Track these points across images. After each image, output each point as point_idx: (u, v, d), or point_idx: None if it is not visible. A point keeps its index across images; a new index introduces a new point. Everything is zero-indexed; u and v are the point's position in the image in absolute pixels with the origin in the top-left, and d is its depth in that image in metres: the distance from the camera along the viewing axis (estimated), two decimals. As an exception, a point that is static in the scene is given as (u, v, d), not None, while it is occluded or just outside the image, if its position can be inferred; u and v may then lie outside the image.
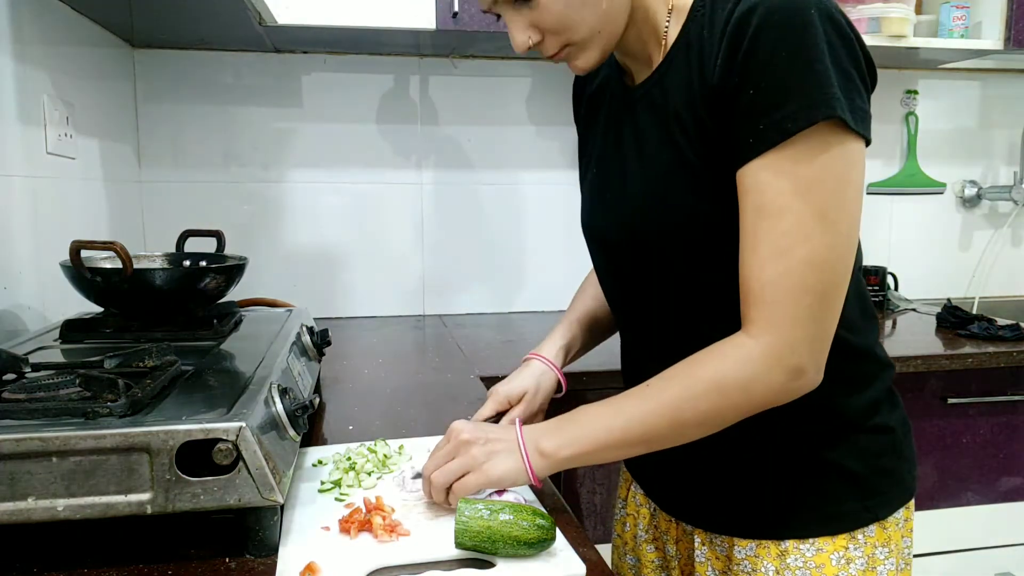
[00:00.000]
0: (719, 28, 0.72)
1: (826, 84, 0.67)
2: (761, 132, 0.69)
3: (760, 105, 0.69)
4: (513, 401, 0.95)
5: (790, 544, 0.82)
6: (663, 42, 0.80)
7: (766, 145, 0.69)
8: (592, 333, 1.07)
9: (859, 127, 0.69)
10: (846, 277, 0.73)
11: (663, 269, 0.83)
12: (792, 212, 0.69)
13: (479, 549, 0.70)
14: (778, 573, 0.82)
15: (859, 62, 0.71)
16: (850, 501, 0.82)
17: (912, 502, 0.87)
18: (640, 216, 0.83)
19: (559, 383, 1.00)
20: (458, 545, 0.70)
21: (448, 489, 0.78)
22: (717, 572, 0.89)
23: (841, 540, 0.81)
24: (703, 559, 0.90)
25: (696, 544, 0.91)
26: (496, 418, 0.94)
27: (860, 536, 0.82)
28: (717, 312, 0.81)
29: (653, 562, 1.01)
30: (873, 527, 0.82)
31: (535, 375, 0.98)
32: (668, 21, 0.80)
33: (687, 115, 0.76)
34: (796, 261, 0.70)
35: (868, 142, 0.71)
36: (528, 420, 0.95)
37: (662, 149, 0.79)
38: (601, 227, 0.92)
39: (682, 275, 0.82)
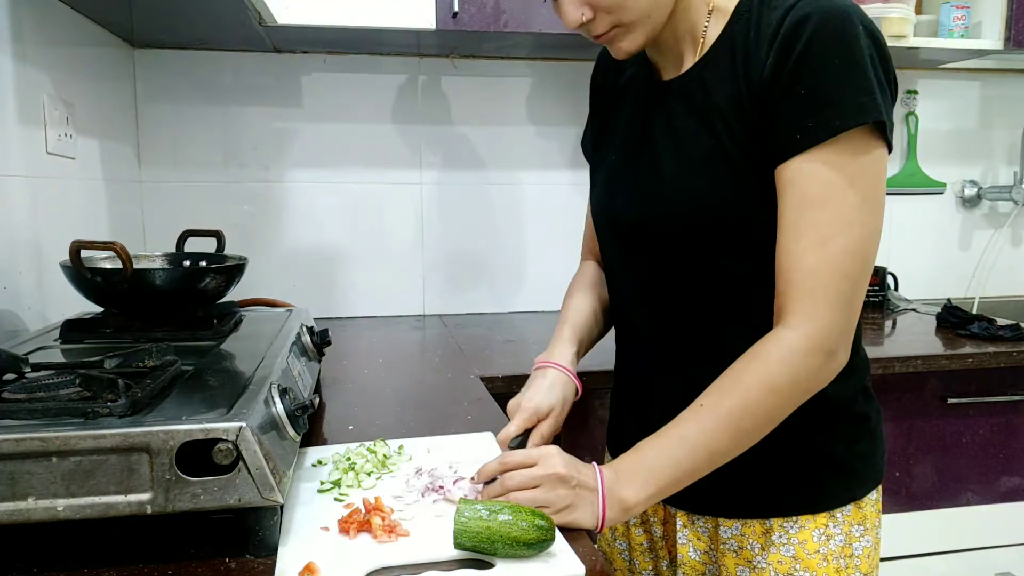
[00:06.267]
0: (768, 31, 0.77)
1: (872, 92, 0.74)
2: (809, 129, 0.75)
3: (811, 104, 0.74)
4: (542, 416, 0.93)
5: (775, 523, 0.88)
6: (700, 40, 0.85)
7: (813, 141, 0.75)
8: (591, 334, 1.07)
9: (889, 135, 0.77)
10: (873, 264, 0.79)
11: (683, 256, 0.86)
12: (835, 203, 0.75)
13: (478, 550, 0.70)
14: (764, 549, 0.88)
15: (891, 78, 0.77)
16: (832, 483, 0.88)
17: (880, 484, 0.93)
18: (672, 203, 0.86)
19: (577, 390, 0.99)
20: (457, 546, 0.70)
21: None
22: (699, 552, 0.94)
23: (822, 518, 0.87)
24: (684, 540, 0.95)
25: (678, 526, 0.95)
26: (525, 435, 0.92)
27: (839, 515, 0.88)
28: (731, 301, 0.85)
29: (642, 545, 1.04)
30: (850, 507, 0.88)
31: (559, 388, 0.95)
32: (708, 21, 0.84)
33: (731, 110, 0.80)
34: (837, 249, 0.75)
35: (891, 150, 0.78)
36: (552, 433, 0.94)
37: (701, 139, 0.83)
38: (621, 211, 0.93)
39: (702, 264, 0.85)
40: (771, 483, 0.88)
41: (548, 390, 0.94)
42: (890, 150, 0.78)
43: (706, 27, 0.84)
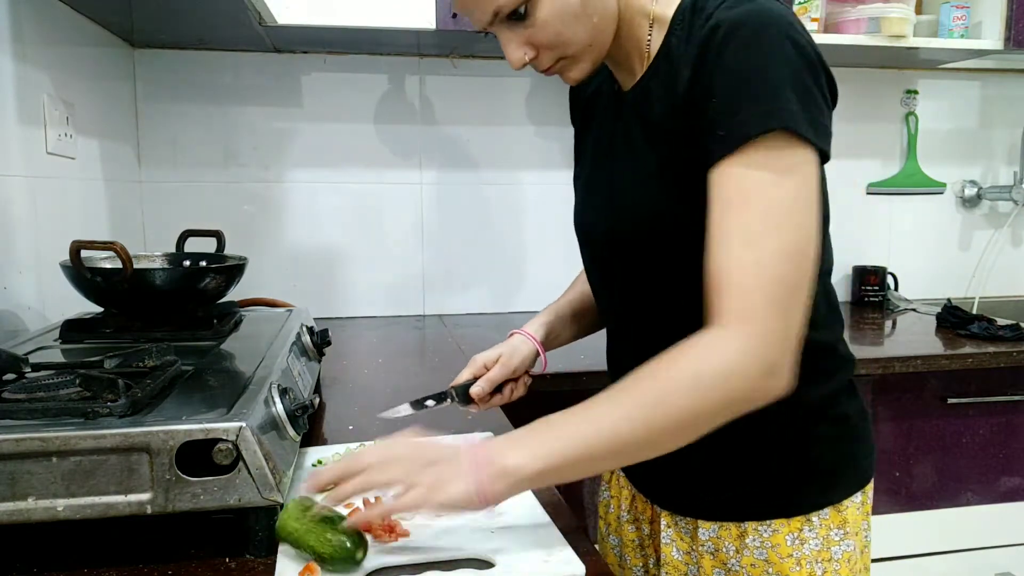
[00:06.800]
0: (696, 42, 0.77)
1: (780, 97, 0.71)
2: (722, 137, 0.73)
3: (722, 113, 0.73)
4: (489, 365, 0.97)
5: (749, 526, 0.87)
6: (646, 53, 0.85)
7: (728, 148, 0.73)
8: (580, 320, 1.09)
9: (818, 140, 0.73)
10: (811, 275, 0.73)
11: (644, 267, 0.87)
12: (758, 206, 0.72)
13: (294, 547, 0.69)
14: (738, 552, 0.88)
15: (820, 80, 0.75)
16: (806, 487, 0.87)
17: (870, 486, 0.91)
18: (625, 215, 0.87)
19: (538, 355, 1.02)
20: (276, 534, 0.69)
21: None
22: (681, 552, 0.94)
23: (796, 522, 0.86)
24: (668, 540, 0.95)
25: (663, 526, 0.95)
26: (471, 382, 0.97)
27: (815, 519, 0.86)
28: (694, 310, 0.82)
29: (633, 541, 1.05)
30: (828, 510, 0.87)
31: (512, 342, 1.01)
32: (651, 33, 0.84)
33: (669, 123, 0.80)
34: (766, 251, 0.71)
35: (826, 157, 0.74)
36: (506, 382, 0.98)
37: (650, 152, 0.84)
38: (590, 224, 0.95)
39: (662, 274, 0.86)
40: (745, 486, 0.87)
41: (501, 345, 1.00)
42: (825, 158, 0.74)
43: (649, 39, 0.84)
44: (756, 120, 0.72)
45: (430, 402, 0.97)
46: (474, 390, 0.96)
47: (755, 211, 0.72)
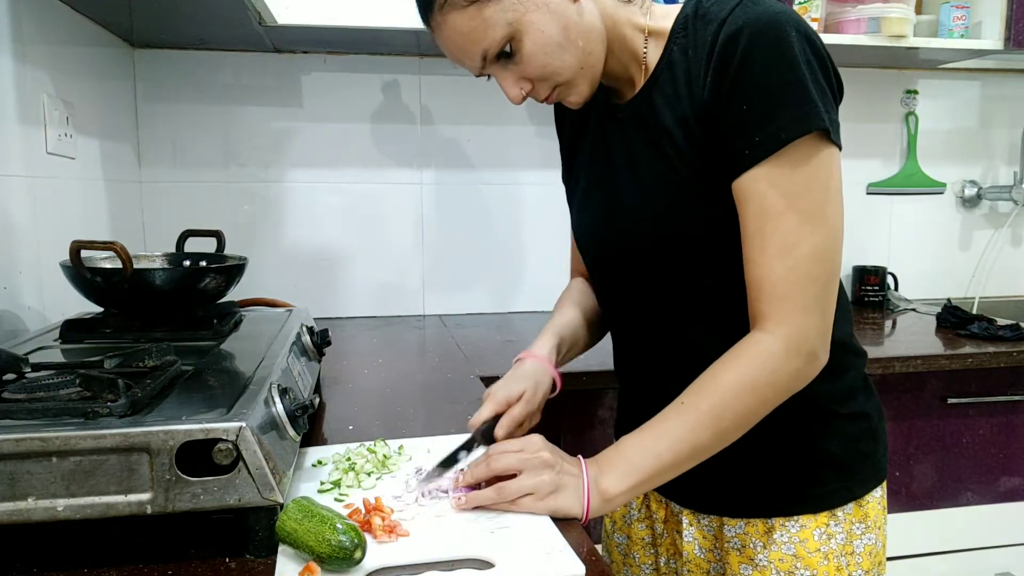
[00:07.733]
0: (705, 49, 0.78)
1: (811, 100, 0.74)
2: (757, 144, 0.76)
3: (754, 120, 0.75)
4: (512, 402, 0.93)
5: (776, 522, 0.89)
6: (643, 64, 0.86)
7: (762, 154, 0.76)
8: (582, 335, 1.07)
9: (836, 137, 0.77)
10: (840, 265, 0.80)
11: (656, 275, 0.89)
12: (793, 212, 0.76)
13: (292, 547, 0.68)
14: (765, 547, 0.90)
15: (831, 79, 0.78)
16: (831, 482, 0.89)
17: (885, 482, 0.94)
18: (635, 226, 0.88)
19: (554, 381, 0.99)
20: (276, 534, 0.69)
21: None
22: (704, 550, 0.96)
23: (822, 517, 0.89)
24: (690, 538, 0.97)
25: (684, 524, 0.97)
26: (494, 420, 0.91)
27: (840, 513, 0.89)
28: (706, 312, 0.87)
29: (643, 539, 1.06)
30: (851, 505, 0.90)
31: (532, 374, 0.96)
32: (646, 45, 0.86)
33: (677, 130, 0.82)
34: (802, 256, 0.76)
35: (840, 148, 0.79)
36: (527, 419, 0.95)
37: (653, 162, 0.85)
38: (593, 235, 0.97)
39: (674, 280, 0.88)
40: (772, 484, 0.90)
41: (520, 377, 0.95)
42: (840, 148, 0.78)
43: (645, 51, 0.85)
44: (792, 125, 0.74)
45: (462, 453, 0.89)
46: (499, 433, 0.90)
47: (791, 216, 0.76)
